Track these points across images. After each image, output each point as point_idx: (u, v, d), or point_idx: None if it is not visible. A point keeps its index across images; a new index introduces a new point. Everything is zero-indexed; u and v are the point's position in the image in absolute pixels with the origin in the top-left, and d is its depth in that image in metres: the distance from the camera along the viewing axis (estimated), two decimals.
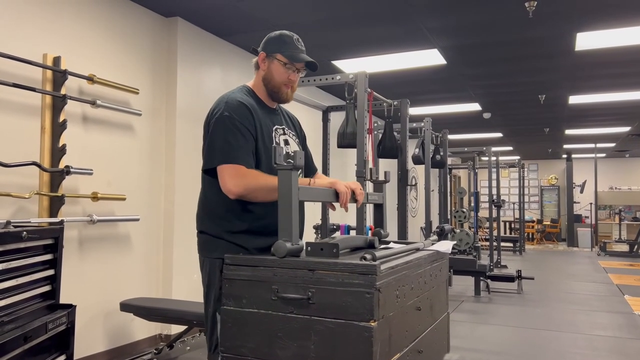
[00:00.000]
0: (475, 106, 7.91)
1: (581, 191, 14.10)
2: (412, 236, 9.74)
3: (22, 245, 2.20)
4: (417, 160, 5.32)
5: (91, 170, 3.38)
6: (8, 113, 3.03)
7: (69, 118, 3.30)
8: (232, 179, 1.73)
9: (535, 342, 4.23)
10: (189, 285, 4.18)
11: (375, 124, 5.01)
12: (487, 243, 9.26)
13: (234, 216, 1.81)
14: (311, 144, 2.23)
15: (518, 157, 13.48)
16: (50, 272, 2.41)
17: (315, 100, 4.28)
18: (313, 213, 4.51)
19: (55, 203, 3.17)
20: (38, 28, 3.22)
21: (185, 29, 4.29)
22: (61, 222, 2.96)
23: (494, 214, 8.92)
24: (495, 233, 8.91)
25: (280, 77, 1.92)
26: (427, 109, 8.01)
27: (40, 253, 2.34)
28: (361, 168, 3.30)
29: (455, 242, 6.56)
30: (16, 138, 3.06)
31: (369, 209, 4.81)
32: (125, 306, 3.48)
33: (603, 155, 14.85)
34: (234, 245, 1.80)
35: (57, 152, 3.19)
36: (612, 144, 12.52)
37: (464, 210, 8.07)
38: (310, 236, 4.50)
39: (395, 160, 4.18)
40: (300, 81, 3.70)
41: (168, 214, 4.14)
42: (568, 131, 10.58)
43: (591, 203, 13.35)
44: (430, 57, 5.31)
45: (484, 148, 8.54)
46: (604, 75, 6.10)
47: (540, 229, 14.93)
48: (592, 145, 12.48)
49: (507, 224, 15.04)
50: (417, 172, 9.96)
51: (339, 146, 3.67)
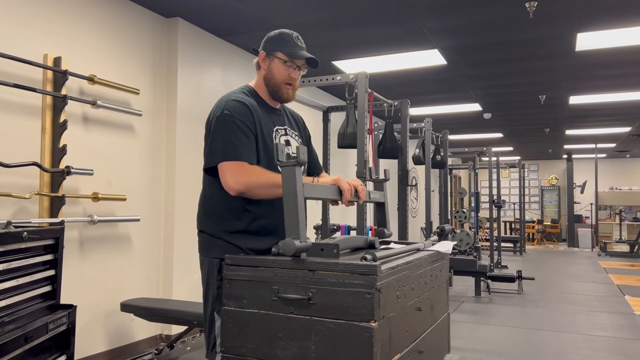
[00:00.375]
0: (475, 106, 7.91)
1: (582, 191, 14.09)
2: (413, 236, 9.75)
3: (23, 245, 2.20)
4: (418, 160, 5.32)
5: (92, 170, 3.38)
6: (9, 113, 3.03)
7: (70, 118, 3.30)
8: (234, 176, 1.73)
9: (535, 343, 4.23)
10: (190, 285, 4.18)
11: (375, 125, 5.01)
12: (488, 243, 9.26)
13: (233, 215, 1.81)
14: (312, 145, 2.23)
15: (518, 158, 13.48)
16: (50, 273, 2.41)
17: (315, 100, 4.28)
18: (313, 213, 4.51)
19: (55, 203, 3.17)
20: (39, 28, 3.22)
21: (185, 29, 4.29)
22: (62, 223, 2.96)
23: (495, 215, 8.92)
24: (495, 233, 8.91)
25: (280, 76, 1.92)
26: (428, 110, 8.01)
27: (40, 253, 2.34)
28: (361, 168, 3.30)
29: (455, 243, 6.55)
30: (17, 138, 3.07)
31: (370, 209, 4.82)
32: (125, 306, 3.48)
33: (603, 155, 14.85)
34: (233, 246, 1.79)
35: (58, 153, 3.19)
36: (613, 145, 12.52)
37: (465, 210, 8.07)
38: (310, 236, 4.50)
39: (395, 160, 4.18)
40: (300, 81, 3.71)
41: (168, 214, 4.14)
42: (568, 131, 10.57)
43: (592, 203, 13.35)
44: (430, 58, 5.31)
45: (485, 148, 8.54)
46: (605, 75, 6.09)
47: (540, 230, 14.93)
48: (593, 145, 12.48)
49: (508, 225, 15.04)
50: (418, 173, 9.97)
51: (340, 146, 3.67)
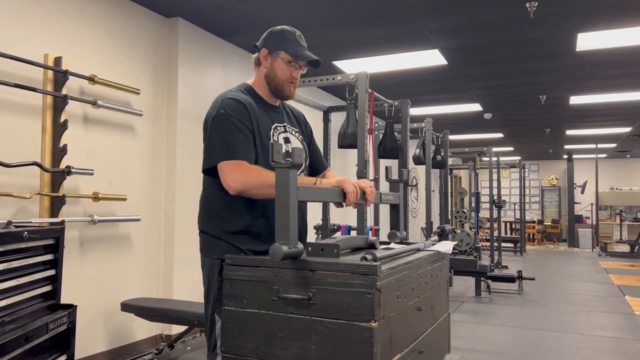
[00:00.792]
0: (476, 106, 7.91)
1: (582, 192, 14.09)
2: (413, 237, 9.75)
3: (23, 245, 2.20)
4: (418, 160, 5.32)
5: (92, 170, 3.38)
6: (9, 113, 3.03)
7: (70, 118, 3.30)
8: (233, 175, 1.72)
9: (535, 343, 4.23)
10: (190, 285, 4.18)
11: (376, 124, 5.01)
12: (488, 243, 9.26)
13: (233, 215, 1.80)
14: None
15: (519, 158, 13.48)
16: (51, 272, 2.41)
17: (316, 100, 4.28)
18: (314, 213, 4.51)
19: (56, 203, 3.17)
20: (39, 28, 3.23)
21: (186, 29, 4.29)
22: (62, 222, 2.96)
23: (495, 215, 8.92)
24: (495, 233, 8.90)
25: (283, 75, 1.90)
26: (428, 110, 8.01)
27: (41, 253, 2.34)
28: (362, 168, 3.31)
29: (456, 243, 6.55)
30: (17, 138, 3.07)
31: (370, 209, 4.82)
32: (126, 306, 3.48)
33: (604, 155, 14.84)
34: (233, 247, 1.79)
35: (58, 152, 3.19)
36: (613, 145, 12.51)
37: (465, 210, 8.06)
38: (310, 236, 4.50)
39: (396, 160, 4.18)
40: (301, 81, 3.71)
41: (169, 214, 4.14)
42: (569, 132, 10.57)
43: (592, 203, 13.34)
44: (431, 58, 5.31)
45: (485, 148, 8.53)
46: (605, 75, 6.09)
47: (541, 230, 14.93)
48: (593, 145, 12.48)
49: (508, 225, 15.03)
50: (418, 173, 9.97)
51: (340, 146, 3.67)
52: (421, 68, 5.69)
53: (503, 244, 10.08)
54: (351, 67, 5.50)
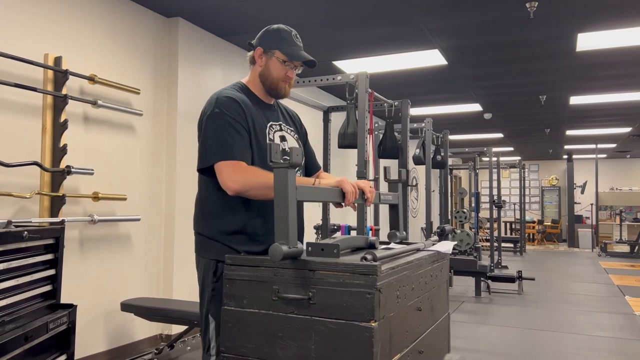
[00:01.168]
0: (476, 107, 7.91)
1: (582, 192, 14.09)
2: (413, 237, 9.75)
3: (23, 245, 2.20)
4: (418, 160, 5.32)
5: (92, 170, 3.38)
6: (9, 113, 3.03)
7: (70, 118, 3.30)
8: (231, 175, 1.71)
9: (535, 343, 4.23)
10: (190, 285, 4.17)
11: (376, 125, 5.01)
12: (488, 244, 9.26)
13: (229, 215, 1.80)
14: (312, 144, 2.21)
15: (519, 158, 13.49)
16: (51, 272, 2.41)
17: (316, 100, 4.28)
18: (313, 213, 4.51)
19: (56, 203, 3.17)
20: (39, 28, 3.23)
21: (186, 29, 4.29)
22: (62, 222, 2.96)
23: (495, 215, 8.92)
24: (495, 234, 8.90)
25: (278, 74, 1.89)
26: (428, 110, 8.01)
27: (41, 253, 2.34)
28: (362, 168, 3.31)
29: (455, 243, 6.56)
30: (17, 138, 3.07)
31: (370, 209, 4.82)
32: (125, 306, 3.48)
33: (604, 155, 14.84)
34: (228, 248, 1.78)
35: (58, 152, 3.19)
36: (613, 145, 12.51)
37: (465, 210, 8.06)
38: (310, 236, 4.50)
39: (395, 160, 4.18)
40: (301, 81, 3.72)
41: (169, 214, 4.14)
42: (569, 132, 10.57)
43: (592, 204, 13.34)
44: (431, 58, 5.31)
45: (485, 149, 8.53)
46: (605, 76, 6.09)
47: (540, 230, 14.93)
48: (593, 146, 12.48)
49: (508, 225, 15.03)
50: (418, 173, 9.97)
51: (340, 146, 3.67)
52: (421, 68, 5.69)
53: (503, 244, 10.09)
54: (351, 67, 5.50)
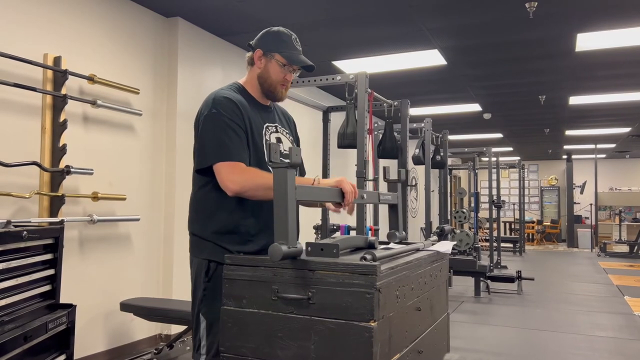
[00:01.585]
0: (475, 107, 7.91)
1: (581, 192, 14.09)
2: (412, 237, 9.75)
3: (23, 245, 2.20)
4: (418, 160, 5.33)
5: (91, 170, 3.38)
6: (9, 113, 3.03)
7: (70, 118, 3.30)
8: (230, 176, 1.72)
9: (535, 343, 4.23)
10: (189, 285, 4.16)
11: (375, 125, 5.01)
12: (487, 244, 9.26)
13: (223, 214, 1.80)
14: (311, 144, 2.22)
15: (518, 158, 13.49)
16: (50, 272, 2.41)
17: (315, 100, 4.28)
18: (313, 213, 4.51)
19: (55, 203, 3.17)
20: (39, 28, 3.22)
21: (186, 29, 4.29)
22: (61, 222, 2.96)
23: (494, 215, 8.92)
24: (495, 234, 8.91)
25: (276, 77, 1.90)
26: (428, 110, 8.01)
27: (40, 253, 2.34)
28: (361, 168, 3.31)
29: (455, 243, 6.55)
30: (17, 138, 3.07)
31: (369, 209, 4.82)
32: (125, 306, 3.48)
33: (603, 156, 14.85)
34: (220, 247, 1.79)
35: (58, 152, 3.19)
36: (613, 145, 12.52)
37: (464, 210, 8.07)
38: (310, 236, 4.50)
39: (395, 160, 4.18)
40: (300, 81, 3.72)
41: (168, 214, 4.14)
42: (568, 132, 10.58)
43: (591, 204, 13.34)
44: (430, 58, 5.31)
45: (484, 149, 8.55)
46: (605, 76, 6.10)
47: (540, 230, 14.94)
48: (593, 146, 12.48)
49: (507, 225, 15.04)
50: (418, 173, 9.97)
51: (339, 146, 3.67)
52: (421, 68, 5.69)
53: (502, 244, 10.10)
54: (351, 67, 5.50)
